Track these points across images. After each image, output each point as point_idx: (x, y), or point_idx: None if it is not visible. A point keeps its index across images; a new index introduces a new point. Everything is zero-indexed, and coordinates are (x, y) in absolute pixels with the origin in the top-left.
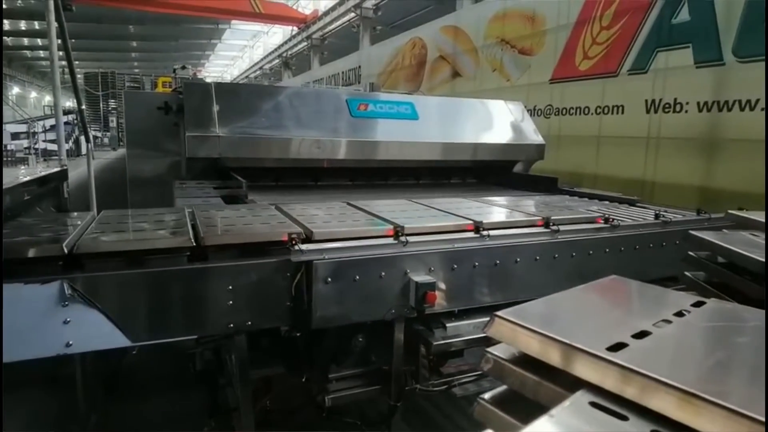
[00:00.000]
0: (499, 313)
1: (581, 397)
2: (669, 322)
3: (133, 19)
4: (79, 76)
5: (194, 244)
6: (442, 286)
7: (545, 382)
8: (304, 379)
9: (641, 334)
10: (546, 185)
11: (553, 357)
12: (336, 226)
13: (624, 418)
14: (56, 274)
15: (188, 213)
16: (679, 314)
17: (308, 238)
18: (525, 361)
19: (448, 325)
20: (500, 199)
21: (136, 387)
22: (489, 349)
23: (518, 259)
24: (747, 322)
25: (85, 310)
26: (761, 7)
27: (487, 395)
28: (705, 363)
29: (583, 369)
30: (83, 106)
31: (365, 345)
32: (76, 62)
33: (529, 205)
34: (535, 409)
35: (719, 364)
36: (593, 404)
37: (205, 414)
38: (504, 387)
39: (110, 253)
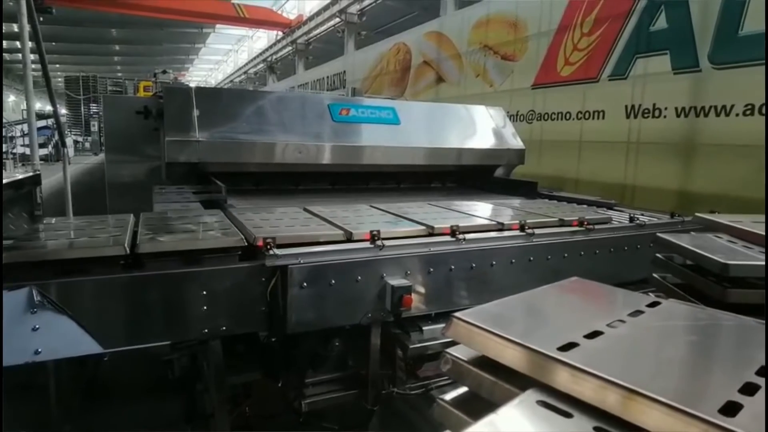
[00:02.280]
0: (456, 314)
1: (530, 396)
2: (623, 322)
3: (116, 23)
4: (59, 79)
5: (246, 243)
6: (419, 289)
7: (500, 382)
8: (280, 384)
9: (594, 334)
10: (525, 189)
11: (506, 357)
12: (370, 226)
13: (569, 415)
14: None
15: (225, 215)
16: (634, 314)
17: (348, 239)
18: (483, 362)
19: (424, 328)
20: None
21: (113, 394)
22: (449, 350)
23: (494, 263)
24: (699, 321)
25: (54, 316)
26: (735, 16)
27: (447, 396)
28: (652, 361)
29: (533, 368)
30: (58, 110)
31: (342, 349)
32: (57, 65)
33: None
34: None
35: (666, 363)
36: (540, 402)
37: (183, 420)
38: (465, 388)
39: (169, 253)
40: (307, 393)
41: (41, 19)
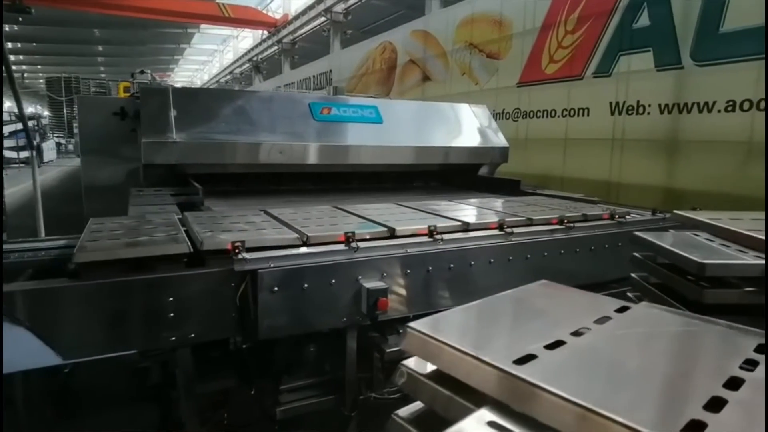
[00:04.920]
0: (411, 324)
1: (481, 416)
2: (588, 329)
3: (98, 23)
4: (40, 81)
5: (302, 242)
6: (396, 291)
7: (456, 397)
8: (253, 392)
9: (555, 344)
10: (509, 188)
11: (459, 370)
12: (408, 224)
13: None
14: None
15: (262, 212)
16: (601, 321)
17: (392, 235)
18: (441, 376)
19: (401, 331)
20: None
21: (87, 403)
22: (405, 362)
23: (472, 263)
24: (667, 327)
25: (8, 327)
26: (716, 14)
27: (402, 411)
28: (615, 375)
29: (486, 383)
30: (24, 111)
31: (318, 354)
32: (39, 66)
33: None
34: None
35: (629, 376)
36: (491, 424)
37: (156, 429)
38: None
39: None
40: (282, 400)
41: (20, 18)
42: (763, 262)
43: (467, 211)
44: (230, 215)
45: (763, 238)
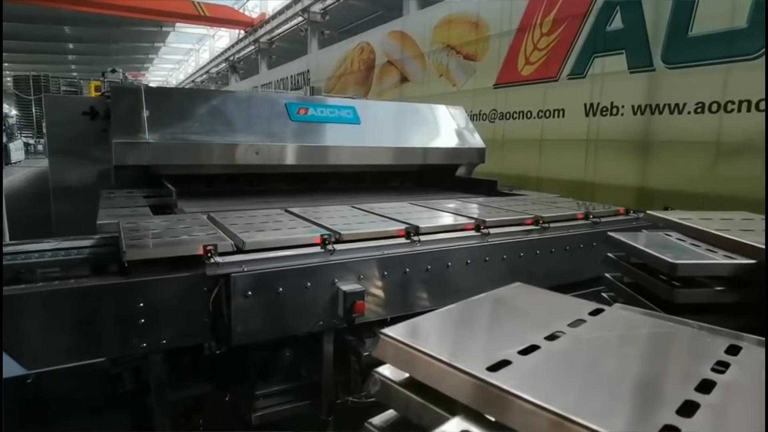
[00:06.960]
0: (384, 330)
1: (454, 426)
2: (563, 333)
3: (69, 20)
4: (8, 79)
5: (333, 238)
6: (373, 293)
7: (430, 405)
8: (227, 398)
9: (529, 349)
10: (485, 188)
11: (432, 378)
12: (429, 221)
13: None
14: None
15: (285, 209)
16: (575, 324)
17: (416, 232)
18: (415, 383)
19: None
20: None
21: (58, 412)
22: (378, 369)
23: (450, 264)
24: (640, 330)
25: None
26: (685, 18)
27: (376, 420)
28: (588, 380)
29: (459, 391)
30: None
31: (294, 359)
32: (6, 64)
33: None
34: None
35: (603, 381)
36: None
37: None
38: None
39: (272, 248)
40: (257, 405)
41: None
42: (733, 261)
43: (475, 209)
44: (256, 215)
45: (732, 237)
